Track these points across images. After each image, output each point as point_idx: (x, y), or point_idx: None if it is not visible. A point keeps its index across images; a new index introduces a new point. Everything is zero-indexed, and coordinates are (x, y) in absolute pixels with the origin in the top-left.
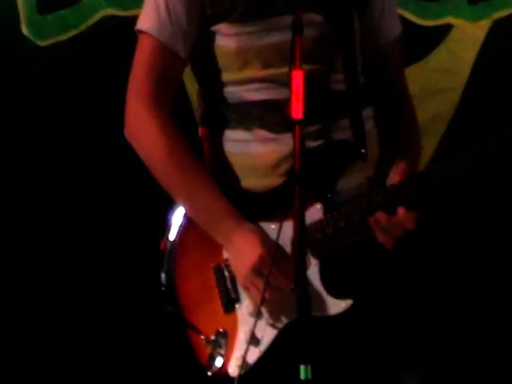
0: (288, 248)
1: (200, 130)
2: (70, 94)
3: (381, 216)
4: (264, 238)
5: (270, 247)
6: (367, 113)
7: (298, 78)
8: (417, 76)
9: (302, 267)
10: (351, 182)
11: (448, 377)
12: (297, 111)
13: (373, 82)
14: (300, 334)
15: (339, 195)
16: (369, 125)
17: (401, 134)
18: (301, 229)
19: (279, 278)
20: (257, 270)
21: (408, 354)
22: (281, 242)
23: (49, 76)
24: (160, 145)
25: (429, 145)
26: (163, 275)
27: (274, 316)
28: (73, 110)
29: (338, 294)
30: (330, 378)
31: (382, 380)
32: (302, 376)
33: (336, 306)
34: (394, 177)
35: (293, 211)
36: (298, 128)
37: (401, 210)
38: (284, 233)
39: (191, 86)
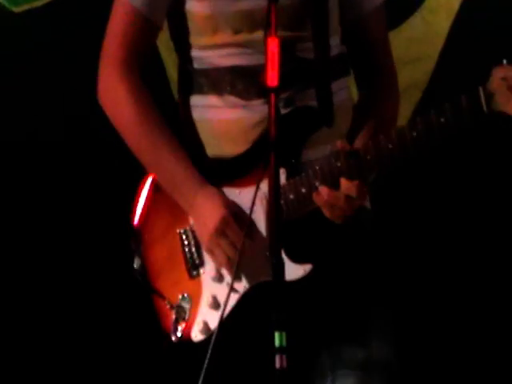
0: (249, 210)
1: (177, 95)
2: (46, 59)
3: (323, 190)
4: (226, 200)
5: (232, 209)
6: (340, 83)
7: (273, 45)
8: (392, 45)
9: (278, 234)
10: (319, 152)
11: (415, 327)
12: (272, 79)
13: (356, 50)
14: (274, 301)
15: (306, 165)
16: (340, 96)
17: (377, 107)
18: (275, 197)
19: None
20: (220, 231)
21: (375, 303)
22: (243, 205)
23: (24, 43)
24: (129, 109)
25: (403, 113)
26: (132, 241)
27: (236, 281)
28: (50, 77)
29: (297, 259)
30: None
31: (352, 333)
32: (277, 343)
33: (296, 270)
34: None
35: (258, 176)
36: (273, 96)
37: (342, 180)
38: (247, 196)
39: (167, 55)
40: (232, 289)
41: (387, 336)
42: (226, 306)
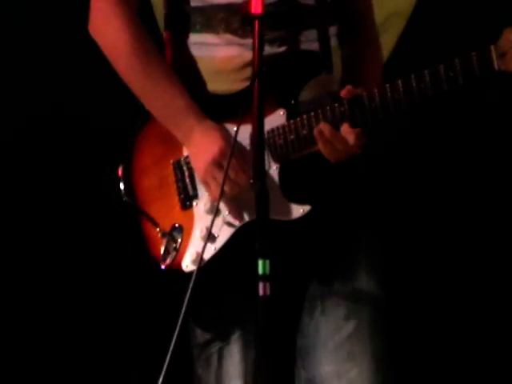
0: (248, 147)
1: (164, 34)
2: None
3: (325, 127)
4: (224, 133)
5: (230, 143)
6: (332, 30)
7: None
8: None
9: (261, 162)
10: (313, 93)
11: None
12: (256, 6)
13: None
14: (258, 229)
15: (301, 105)
16: (333, 42)
17: (364, 59)
18: (259, 123)
19: (239, 173)
20: (217, 163)
21: (365, 236)
22: (242, 141)
23: None
24: (124, 38)
25: (387, 42)
26: (121, 167)
27: (232, 214)
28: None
29: (297, 199)
30: (292, 271)
31: (342, 265)
32: (260, 270)
33: (294, 210)
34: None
35: (254, 108)
36: (257, 23)
37: (344, 125)
38: (246, 132)
39: None
40: (227, 223)
41: (376, 269)
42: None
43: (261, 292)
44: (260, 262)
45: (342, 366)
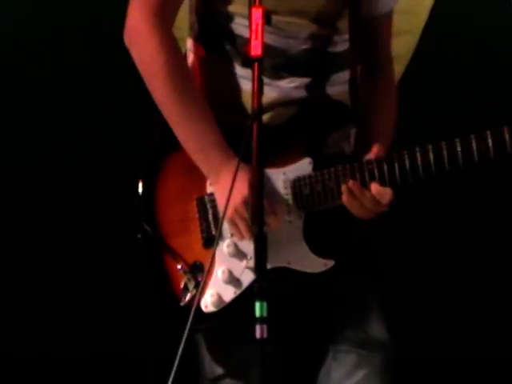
0: (280, 190)
1: (190, 42)
2: None
3: (354, 185)
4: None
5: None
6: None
7: (257, 14)
8: None
9: (260, 205)
10: (334, 143)
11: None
12: (256, 48)
13: (363, 49)
14: (257, 271)
15: (325, 153)
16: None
17: (383, 100)
18: (259, 166)
19: (270, 215)
20: (247, 203)
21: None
22: (274, 183)
23: None
24: (161, 58)
25: None
26: (142, 198)
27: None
28: None
29: (320, 252)
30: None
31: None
32: (258, 313)
33: (317, 264)
34: (370, 156)
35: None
36: (256, 65)
37: (373, 184)
38: (272, 178)
39: None
40: (250, 268)
41: (383, 316)
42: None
43: (258, 334)
44: (257, 305)
45: None
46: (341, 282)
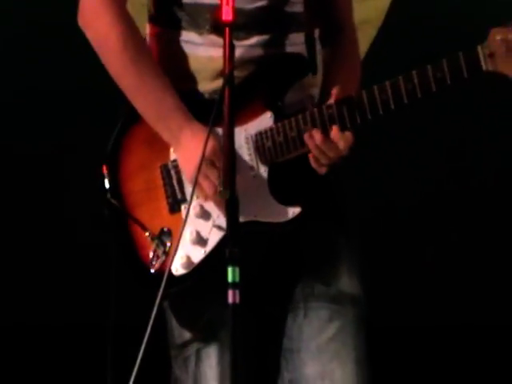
0: (239, 150)
1: (149, 27)
2: None
3: (316, 134)
4: (213, 134)
5: (220, 143)
6: (315, 33)
7: None
8: None
9: (232, 169)
10: (295, 96)
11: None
12: (227, 13)
13: (322, 8)
14: (228, 237)
15: (286, 108)
16: (317, 45)
17: (344, 60)
18: (230, 131)
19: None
20: (209, 161)
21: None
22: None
23: None
24: (115, 34)
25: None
26: (106, 169)
27: (221, 218)
28: None
29: (286, 202)
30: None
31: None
32: (230, 278)
33: (285, 213)
34: (330, 99)
35: (224, 114)
36: (227, 30)
37: (334, 129)
38: (238, 134)
39: None
40: (216, 226)
41: (356, 270)
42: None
43: (230, 299)
44: (229, 270)
45: (326, 366)
46: (307, 237)
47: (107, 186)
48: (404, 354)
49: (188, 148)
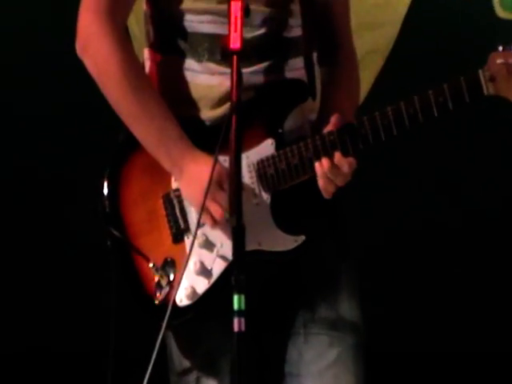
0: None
1: (148, 52)
2: None
3: (325, 162)
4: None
5: (225, 169)
6: (314, 57)
7: (236, 7)
8: (354, 11)
9: (238, 197)
10: (295, 122)
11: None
12: (235, 41)
13: (319, 30)
14: (235, 264)
15: (286, 134)
16: (316, 69)
17: (342, 87)
18: (237, 158)
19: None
20: (216, 184)
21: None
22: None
23: None
24: (115, 60)
25: (366, 79)
26: (107, 202)
27: (225, 248)
28: None
29: (289, 230)
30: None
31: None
32: (236, 306)
33: (288, 241)
34: (330, 126)
35: (231, 142)
36: (235, 58)
37: (337, 155)
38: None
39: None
40: (220, 256)
41: (355, 297)
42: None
43: (236, 327)
44: (235, 298)
45: None
46: (308, 262)
47: (108, 216)
48: (404, 381)
49: (191, 175)
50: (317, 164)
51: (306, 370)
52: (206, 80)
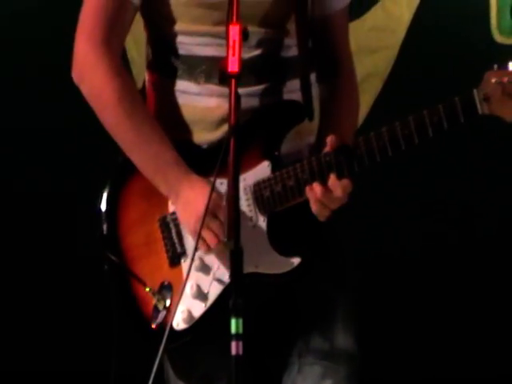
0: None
1: (147, 75)
2: None
3: (316, 187)
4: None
5: (221, 195)
6: (312, 78)
7: (234, 32)
8: (353, 35)
9: (236, 221)
10: (293, 146)
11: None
12: (233, 65)
13: (318, 48)
14: (233, 287)
15: (284, 157)
16: (314, 90)
17: (342, 105)
18: (235, 182)
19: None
20: (210, 212)
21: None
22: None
23: None
24: (110, 87)
25: (364, 102)
26: (105, 226)
27: (221, 271)
28: None
29: (286, 252)
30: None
31: (319, 324)
32: (233, 329)
33: (284, 263)
34: (327, 147)
35: (229, 165)
36: (233, 81)
37: (331, 177)
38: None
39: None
40: (217, 280)
41: (351, 327)
42: (211, 296)
43: (233, 351)
44: (233, 321)
45: None
46: (304, 291)
47: (106, 240)
48: None
49: (187, 200)
50: (307, 189)
51: None
52: (204, 102)
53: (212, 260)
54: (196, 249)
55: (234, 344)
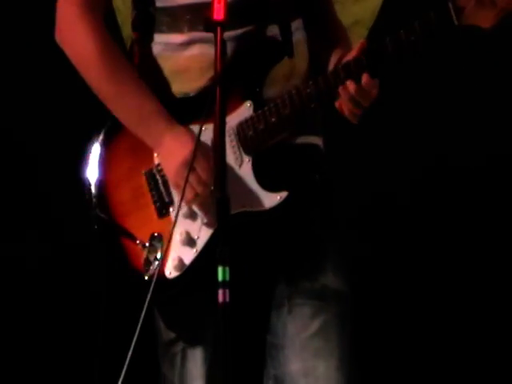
0: None
1: (133, 35)
2: None
3: (350, 84)
4: (194, 137)
5: (202, 145)
6: (296, 24)
7: None
8: None
9: (222, 169)
10: (280, 90)
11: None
12: (218, 12)
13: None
14: (219, 236)
15: (272, 101)
16: (298, 35)
17: (338, 35)
18: (221, 131)
19: (210, 173)
20: (188, 164)
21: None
22: (209, 141)
23: None
24: (91, 46)
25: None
26: (92, 187)
27: (209, 216)
28: None
29: (273, 188)
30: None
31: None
32: (220, 277)
33: (272, 198)
34: (347, 57)
35: (216, 113)
36: (219, 29)
37: (365, 76)
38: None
39: None
40: (205, 224)
41: (341, 267)
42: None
43: (220, 299)
44: (220, 269)
45: (309, 363)
46: (292, 233)
47: (94, 200)
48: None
49: (170, 150)
50: (341, 88)
51: (290, 343)
52: (188, 51)
53: (199, 206)
54: (183, 195)
55: (220, 292)
